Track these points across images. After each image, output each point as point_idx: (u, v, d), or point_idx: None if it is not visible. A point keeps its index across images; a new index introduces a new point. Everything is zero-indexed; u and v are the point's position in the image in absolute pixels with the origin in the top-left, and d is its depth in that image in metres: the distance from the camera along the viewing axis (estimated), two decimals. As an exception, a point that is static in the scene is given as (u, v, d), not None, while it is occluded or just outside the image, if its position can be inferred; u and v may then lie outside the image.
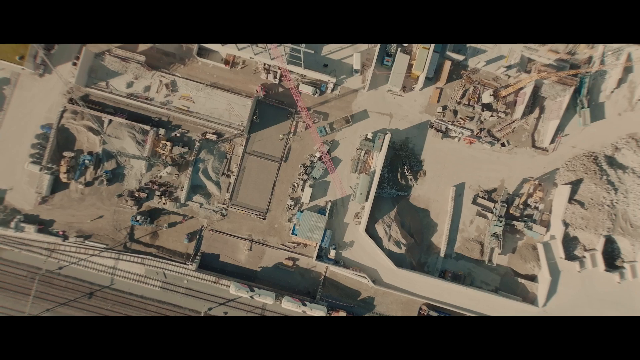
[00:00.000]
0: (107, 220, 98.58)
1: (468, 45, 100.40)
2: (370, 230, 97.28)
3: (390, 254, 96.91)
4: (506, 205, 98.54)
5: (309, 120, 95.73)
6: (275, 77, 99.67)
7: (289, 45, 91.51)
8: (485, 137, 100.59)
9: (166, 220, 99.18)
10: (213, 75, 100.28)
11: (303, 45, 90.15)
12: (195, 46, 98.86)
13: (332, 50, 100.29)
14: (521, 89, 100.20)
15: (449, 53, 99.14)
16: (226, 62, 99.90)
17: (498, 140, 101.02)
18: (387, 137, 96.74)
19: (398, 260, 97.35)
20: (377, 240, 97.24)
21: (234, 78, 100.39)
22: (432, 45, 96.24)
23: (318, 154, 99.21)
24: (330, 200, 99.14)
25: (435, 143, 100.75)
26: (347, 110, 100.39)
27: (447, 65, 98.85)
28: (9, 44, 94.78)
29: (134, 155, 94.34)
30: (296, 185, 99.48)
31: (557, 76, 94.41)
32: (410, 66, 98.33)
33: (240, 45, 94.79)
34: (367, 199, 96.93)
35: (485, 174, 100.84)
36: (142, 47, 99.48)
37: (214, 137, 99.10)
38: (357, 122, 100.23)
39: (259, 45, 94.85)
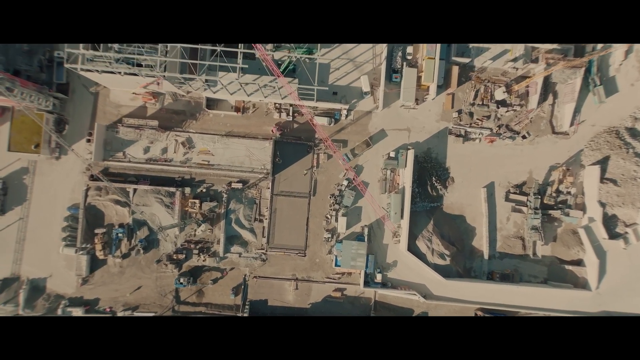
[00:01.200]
0: (151, 288, 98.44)
1: (471, 46, 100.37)
2: (412, 247, 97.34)
3: (436, 267, 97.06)
4: (539, 196, 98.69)
5: (333, 147, 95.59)
6: (288, 114, 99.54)
7: (299, 85, 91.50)
8: (504, 133, 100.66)
9: (209, 276, 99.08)
10: (226, 125, 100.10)
11: (315, 82, 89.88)
12: (203, 99, 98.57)
13: (338, 77, 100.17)
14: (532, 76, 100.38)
15: (454, 58, 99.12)
16: (237, 109, 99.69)
17: (518, 133, 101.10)
18: (410, 152, 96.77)
19: (445, 272, 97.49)
20: (420, 256, 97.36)
21: (248, 123, 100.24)
22: (438, 50, 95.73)
23: (345, 182, 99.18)
24: (365, 225, 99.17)
25: (458, 148, 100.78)
26: (365, 133, 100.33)
27: (455, 70, 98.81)
28: (22, 135, 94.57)
29: (167, 226, 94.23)
30: (329, 217, 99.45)
31: (567, 64, 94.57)
32: (418, 78, 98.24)
33: (249, 90, 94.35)
34: (402, 217, 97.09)
35: (512, 169, 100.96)
36: (150, 110, 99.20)
37: (239, 186, 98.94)
38: (377, 143, 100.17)
39: (268, 85, 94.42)
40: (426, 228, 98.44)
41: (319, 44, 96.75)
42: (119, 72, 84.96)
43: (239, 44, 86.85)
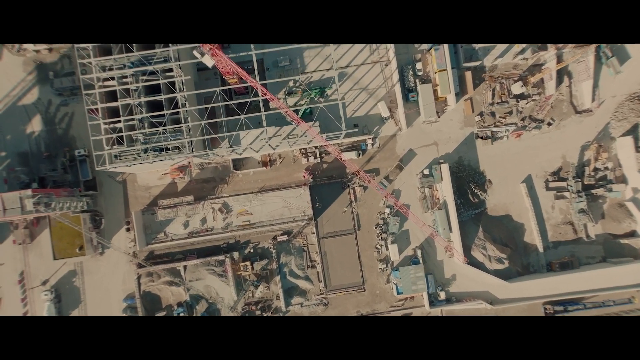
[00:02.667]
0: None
1: (477, 47, 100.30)
2: (469, 258, 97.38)
3: (496, 272, 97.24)
4: (579, 179, 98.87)
5: (367, 178, 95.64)
6: (315, 157, 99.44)
7: (320, 126, 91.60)
8: (529, 124, 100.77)
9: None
10: (258, 181, 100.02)
11: (343, 126, 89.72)
12: (229, 162, 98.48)
13: (355, 109, 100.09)
14: (543, 64, 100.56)
15: (465, 64, 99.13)
16: (264, 164, 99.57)
17: (542, 121, 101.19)
18: (444, 166, 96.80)
19: (505, 274, 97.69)
20: (478, 265, 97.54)
21: (278, 175, 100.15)
22: (448, 61, 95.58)
23: (387, 210, 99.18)
24: (417, 247, 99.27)
25: (487, 150, 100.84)
26: (394, 157, 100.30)
27: (468, 75, 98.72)
28: (64, 241, 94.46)
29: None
30: (379, 247, 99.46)
31: (576, 46, 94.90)
32: (434, 92, 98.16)
33: (274, 143, 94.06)
34: (451, 230, 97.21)
35: (545, 158, 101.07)
36: (180, 184, 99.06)
37: (285, 238, 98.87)
38: (409, 164, 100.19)
39: (291, 136, 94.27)
40: (477, 236, 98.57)
41: (334, 80, 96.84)
42: (149, 162, 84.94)
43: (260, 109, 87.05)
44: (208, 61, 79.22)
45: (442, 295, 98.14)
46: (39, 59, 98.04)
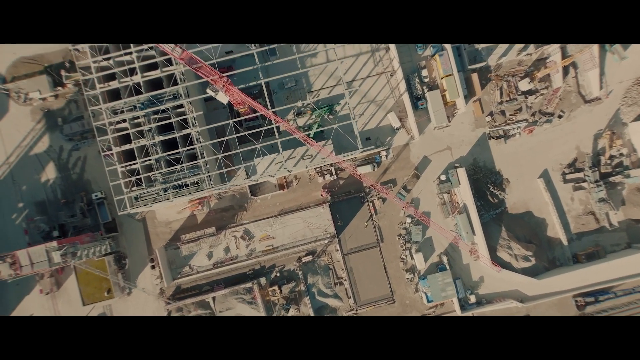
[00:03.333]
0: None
1: (480, 48, 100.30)
2: (495, 259, 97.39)
3: (523, 271, 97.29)
4: (595, 168, 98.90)
5: (384, 191, 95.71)
6: (331, 174, 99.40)
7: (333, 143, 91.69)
8: (540, 119, 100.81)
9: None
10: (276, 204, 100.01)
11: (359, 145, 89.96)
12: (246, 189, 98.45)
13: (365, 122, 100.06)
14: (547, 58, 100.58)
15: (470, 67, 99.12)
16: (281, 187, 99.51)
17: (552, 114, 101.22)
18: (460, 170, 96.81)
19: (533, 271, 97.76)
20: (506, 265, 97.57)
21: (295, 196, 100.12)
22: (454, 65, 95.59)
23: (408, 220, 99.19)
24: (441, 253, 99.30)
25: (501, 149, 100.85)
26: (410, 166, 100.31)
27: (475, 77, 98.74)
28: (91, 286, 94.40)
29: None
30: (404, 257, 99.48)
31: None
32: (443, 97, 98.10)
33: (289, 166, 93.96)
34: (474, 233, 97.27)
35: (560, 151, 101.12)
36: (200, 216, 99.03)
37: (309, 258, 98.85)
38: (425, 171, 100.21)
39: (305, 157, 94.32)
40: (501, 236, 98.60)
41: (344, 94, 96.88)
42: (169, 200, 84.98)
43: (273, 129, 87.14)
44: (222, 98, 79.21)
45: (472, 299, 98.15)
46: (46, 106, 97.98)
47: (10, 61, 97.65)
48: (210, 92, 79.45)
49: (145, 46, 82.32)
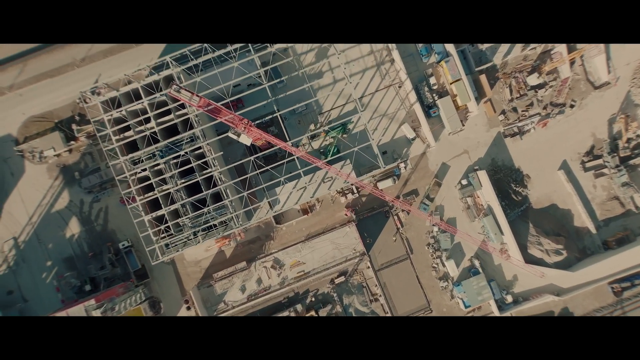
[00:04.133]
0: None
1: (484, 49, 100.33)
2: (527, 257, 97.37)
3: (557, 265, 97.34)
4: (614, 153, 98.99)
5: (407, 206, 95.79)
6: (352, 192, 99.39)
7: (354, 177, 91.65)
8: (552, 111, 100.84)
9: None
10: (302, 230, 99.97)
11: (381, 163, 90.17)
12: (271, 218, 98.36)
13: (379, 136, 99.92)
14: (551, 49, 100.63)
15: (477, 68, 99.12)
16: (304, 212, 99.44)
17: (564, 105, 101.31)
18: (481, 172, 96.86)
19: (566, 264, 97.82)
20: (538, 262, 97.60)
21: (320, 219, 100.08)
22: (461, 69, 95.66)
23: (435, 228, 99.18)
24: (472, 257, 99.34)
25: (518, 146, 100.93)
26: (430, 174, 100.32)
27: (483, 78, 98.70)
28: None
29: None
30: (436, 265, 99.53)
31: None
32: (454, 102, 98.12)
33: (312, 192, 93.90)
34: (502, 233, 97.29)
35: (576, 140, 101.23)
36: (228, 251, 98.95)
37: (342, 279, 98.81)
38: (445, 177, 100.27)
39: (326, 180, 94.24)
40: (529, 233, 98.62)
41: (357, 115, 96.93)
42: (199, 242, 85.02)
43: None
44: (246, 140, 79.32)
45: (509, 299, 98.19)
46: (61, 162, 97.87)
47: (20, 122, 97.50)
48: (232, 136, 79.72)
49: (157, 94, 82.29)
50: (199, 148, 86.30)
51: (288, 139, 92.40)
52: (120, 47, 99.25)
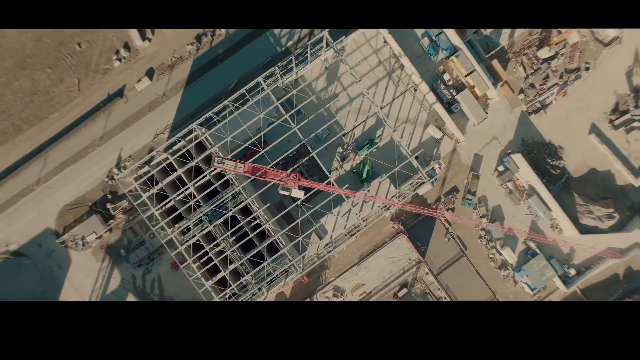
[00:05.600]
0: None
1: (488, 33, 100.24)
2: (580, 228, 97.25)
3: (612, 228, 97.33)
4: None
5: (452, 215, 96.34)
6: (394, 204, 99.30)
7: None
8: (569, 78, 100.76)
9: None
10: (354, 252, 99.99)
11: (425, 176, 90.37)
12: (327, 254, 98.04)
13: (407, 143, 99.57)
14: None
15: (487, 55, 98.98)
16: (351, 234, 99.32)
17: (579, 69, 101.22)
18: (515, 155, 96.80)
19: (619, 225, 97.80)
20: (593, 230, 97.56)
21: (369, 237, 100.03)
22: (473, 61, 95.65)
23: (483, 220, 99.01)
24: (526, 240, 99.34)
25: (544, 120, 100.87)
26: (465, 168, 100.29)
27: (495, 62, 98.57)
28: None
29: None
30: (493, 256, 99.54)
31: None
32: (473, 93, 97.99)
33: (353, 220, 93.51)
34: (550, 209, 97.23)
35: (599, 101, 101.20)
36: (287, 291, 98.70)
37: (404, 291, 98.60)
38: (480, 168, 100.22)
39: (366, 204, 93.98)
40: (576, 203, 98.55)
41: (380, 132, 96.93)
42: (265, 296, 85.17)
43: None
44: (298, 194, 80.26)
45: (572, 272, 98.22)
46: (104, 243, 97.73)
47: (55, 213, 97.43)
48: (283, 192, 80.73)
49: (192, 163, 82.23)
50: (241, 202, 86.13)
51: (323, 167, 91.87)
52: (134, 117, 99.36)
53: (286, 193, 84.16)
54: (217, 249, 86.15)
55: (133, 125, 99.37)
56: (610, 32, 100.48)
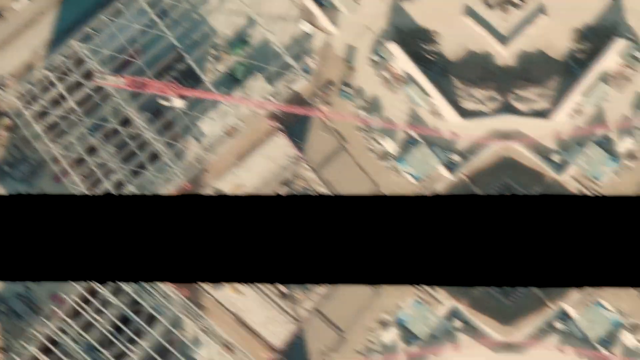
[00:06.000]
0: None
1: None
2: (464, 113, 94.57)
3: (495, 111, 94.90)
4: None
5: (324, 109, 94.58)
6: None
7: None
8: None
9: None
10: (233, 154, 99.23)
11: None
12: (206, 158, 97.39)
13: (279, 40, 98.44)
14: None
15: None
16: (230, 135, 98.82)
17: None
18: (389, 44, 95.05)
19: (503, 108, 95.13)
20: (476, 113, 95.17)
21: (247, 138, 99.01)
22: None
23: (361, 114, 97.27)
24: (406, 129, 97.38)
25: (417, 6, 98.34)
26: (340, 62, 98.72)
27: None
28: None
29: None
30: (373, 147, 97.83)
31: None
32: None
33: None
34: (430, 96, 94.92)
35: None
36: None
37: (285, 189, 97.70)
38: (355, 59, 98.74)
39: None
40: (455, 87, 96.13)
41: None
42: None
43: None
44: (178, 103, 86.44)
45: (456, 158, 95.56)
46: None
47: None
48: (164, 103, 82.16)
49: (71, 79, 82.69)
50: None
51: (199, 73, 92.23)
52: (12, 36, 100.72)
53: (166, 103, 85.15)
54: (99, 161, 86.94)
55: (11, 43, 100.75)
56: None
